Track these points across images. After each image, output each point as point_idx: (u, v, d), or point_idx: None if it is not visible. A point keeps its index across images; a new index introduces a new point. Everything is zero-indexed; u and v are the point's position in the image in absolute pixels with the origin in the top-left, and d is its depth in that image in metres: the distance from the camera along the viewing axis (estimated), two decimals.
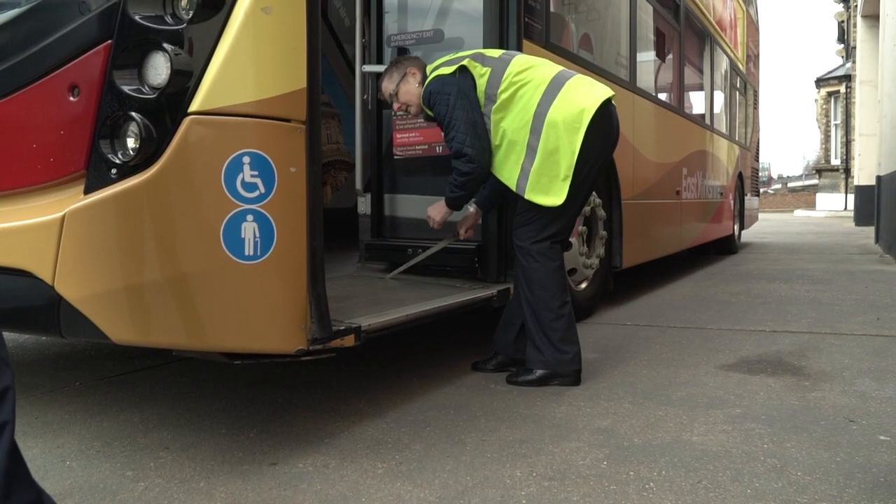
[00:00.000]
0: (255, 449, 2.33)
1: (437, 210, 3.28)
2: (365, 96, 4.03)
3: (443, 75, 3.01)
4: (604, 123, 2.97)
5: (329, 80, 6.03)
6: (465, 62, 3.01)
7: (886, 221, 9.39)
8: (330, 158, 5.86)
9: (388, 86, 3.20)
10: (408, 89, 3.16)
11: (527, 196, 2.94)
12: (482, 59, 3.04)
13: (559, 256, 3.05)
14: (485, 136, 2.98)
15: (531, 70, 3.00)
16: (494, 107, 2.97)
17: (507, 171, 2.99)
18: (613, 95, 3.02)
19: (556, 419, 2.58)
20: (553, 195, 2.91)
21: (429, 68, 3.16)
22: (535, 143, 2.90)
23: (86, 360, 3.62)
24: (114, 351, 3.74)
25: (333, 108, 5.97)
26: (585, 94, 2.95)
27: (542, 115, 2.89)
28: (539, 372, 2.98)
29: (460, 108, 2.93)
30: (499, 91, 2.96)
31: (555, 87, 2.95)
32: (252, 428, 2.53)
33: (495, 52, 3.14)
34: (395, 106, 3.23)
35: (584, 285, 4.54)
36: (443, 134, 3.03)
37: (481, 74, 3.00)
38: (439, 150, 3.66)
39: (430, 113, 3.10)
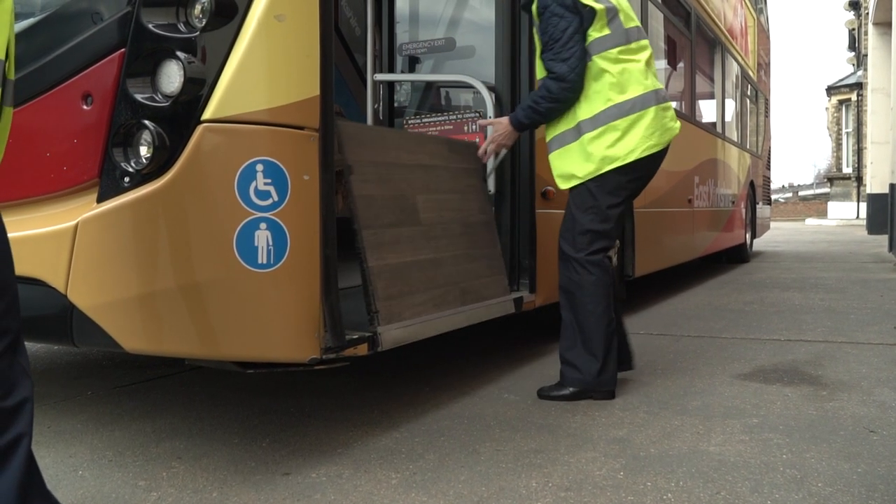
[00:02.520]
0: (268, 459, 2.32)
1: (504, 133, 3.07)
2: (376, 105, 4.02)
3: (555, 13, 2.86)
4: (646, 166, 2.99)
5: (340, 89, 6.01)
6: (598, 8, 2.87)
7: None
8: (341, 167, 5.86)
9: None
10: None
11: (549, 156, 2.99)
12: (611, 18, 2.91)
13: (610, 268, 3.00)
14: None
15: (633, 64, 2.92)
16: None
17: (553, 123, 2.97)
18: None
19: (571, 429, 2.55)
20: (562, 181, 2.95)
21: None
22: (585, 130, 2.88)
23: (97, 370, 3.61)
24: (125, 360, 3.73)
25: (345, 118, 5.96)
26: (657, 135, 2.92)
27: (610, 116, 2.86)
28: (572, 389, 2.91)
29: (579, 38, 2.85)
30: (596, 56, 2.88)
31: (639, 103, 2.89)
32: (265, 437, 2.52)
33: (629, 20, 2.99)
34: None
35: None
36: (545, 49, 2.90)
37: (600, 30, 2.89)
38: None
39: (535, 12, 2.94)
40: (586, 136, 2.87)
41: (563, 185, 2.98)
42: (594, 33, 2.89)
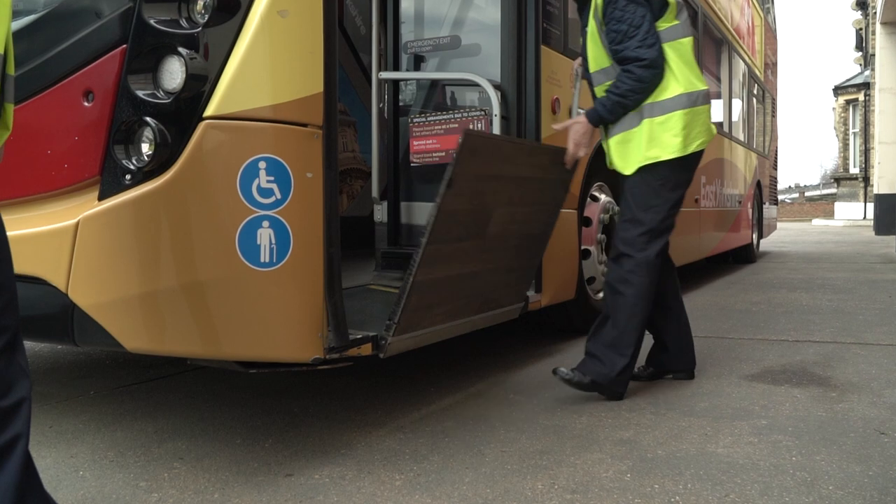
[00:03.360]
0: (271, 459, 2.29)
1: (584, 132, 2.98)
2: (381, 104, 4.00)
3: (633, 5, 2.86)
4: (696, 163, 3.02)
5: (345, 88, 6.00)
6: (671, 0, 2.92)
7: None
8: (346, 167, 5.83)
9: None
10: None
11: (609, 141, 2.97)
12: (679, 10, 2.96)
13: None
14: None
15: (686, 61, 2.95)
16: None
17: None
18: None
19: (578, 430, 2.52)
20: (626, 165, 2.94)
21: None
22: (649, 115, 2.88)
23: (101, 369, 3.60)
24: (129, 360, 3.71)
25: (349, 117, 5.94)
26: (707, 132, 2.98)
27: (678, 104, 2.87)
28: (590, 380, 2.88)
29: (654, 29, 2.85)
30: (666, 45, 2.89)
31: (702, 97, 2.96)
32: (267, 438, 2.49)
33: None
34: None
35: (602, 294, 4.48)
36: (625, 38, 2.84)
37: (669, 21, 2.92)
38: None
39: (600, 1, 2.91)
40: (650, 120, 2.88)
41: (628, 171, 2.94)
42: (664, 23, 2.91)
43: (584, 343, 2.99)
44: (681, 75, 2.90)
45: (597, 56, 3.00)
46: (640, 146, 2.90)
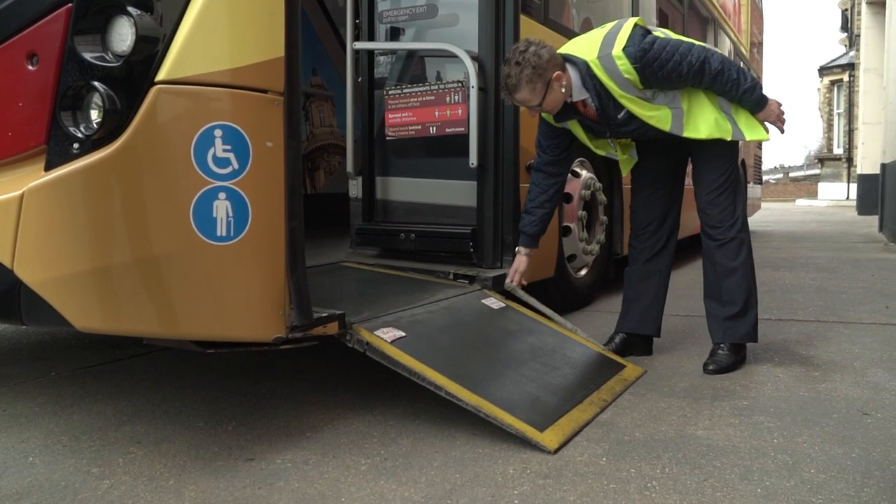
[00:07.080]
0: (232, 443, 2.19)
1: (774, 107, 3.03)
2: (360, 78, 3.87)
3: (653, 35, 2.78)
4: None
5: (324, 62, 5.89)
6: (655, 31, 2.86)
7: (891, 209, 9.24)
8: (324, 142, 5.72)
9: (529, 99, 2.74)
10: (554, 97, 2.76)
11: (748, 137, 3.05)
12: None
13: None
14: None
15: None
16: None
17: (709, 121, 2.98)
18: None
19: None
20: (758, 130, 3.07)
21: (588, 54, 2.74)
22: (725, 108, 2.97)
23: (65, 350, 3.48)
24: (95, 340, 3.59)
25: (328, 91, 5.82)
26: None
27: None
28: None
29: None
30: None
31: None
32: (230, 421, 2.39)
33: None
34: (532, 113, 2.88)
35: (583, 272, 4.40)
36: (683, 61, 2.72)
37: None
38: (433, 130, 3.51)
39: (630, 69, 2.69)
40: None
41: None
42: None
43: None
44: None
45: (661, 119, 2.88)
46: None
